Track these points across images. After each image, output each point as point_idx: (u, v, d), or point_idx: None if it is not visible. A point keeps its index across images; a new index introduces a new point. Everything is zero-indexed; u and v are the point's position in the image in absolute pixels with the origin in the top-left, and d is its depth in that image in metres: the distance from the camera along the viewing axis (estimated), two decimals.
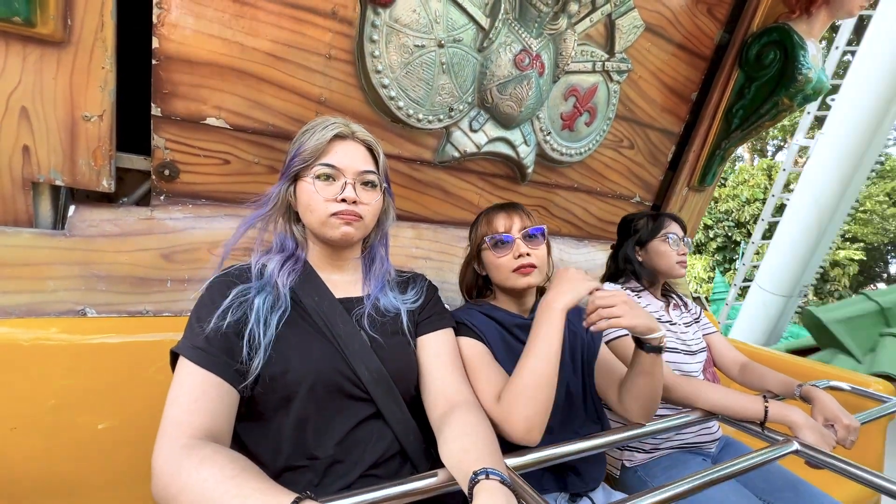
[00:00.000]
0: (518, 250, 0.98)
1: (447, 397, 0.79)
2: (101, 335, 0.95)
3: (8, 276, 0.91)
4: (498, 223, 1.01)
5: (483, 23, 1.26)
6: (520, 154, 1.50)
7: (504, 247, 0.99)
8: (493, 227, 1.01)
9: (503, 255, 0.99)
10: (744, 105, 1.75)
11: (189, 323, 0.72)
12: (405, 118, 1.27)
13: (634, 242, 1.40)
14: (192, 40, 1.00)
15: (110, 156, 0.98)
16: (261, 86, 1.10)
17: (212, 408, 0.64)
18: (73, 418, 0.91)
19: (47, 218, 0.98)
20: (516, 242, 0.99)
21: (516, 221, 1.00)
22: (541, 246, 1.01)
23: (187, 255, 1.09)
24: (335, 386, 0.74)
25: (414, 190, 1.42)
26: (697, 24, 1.68)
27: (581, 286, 0.86)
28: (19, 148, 0.90)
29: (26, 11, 0.80)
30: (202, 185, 1.12)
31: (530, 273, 0.98)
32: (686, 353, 1.29)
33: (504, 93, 1.35)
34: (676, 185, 1.94)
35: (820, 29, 1.64)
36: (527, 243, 0.99)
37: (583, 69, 1.50)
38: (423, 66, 1.23)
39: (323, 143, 0.79)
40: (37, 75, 0.87)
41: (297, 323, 0.77)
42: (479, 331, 0.95)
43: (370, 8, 1.12)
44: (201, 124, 1.07)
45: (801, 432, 0.96)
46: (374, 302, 0.84)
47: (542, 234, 1.01)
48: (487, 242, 1.01)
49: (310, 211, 0.80)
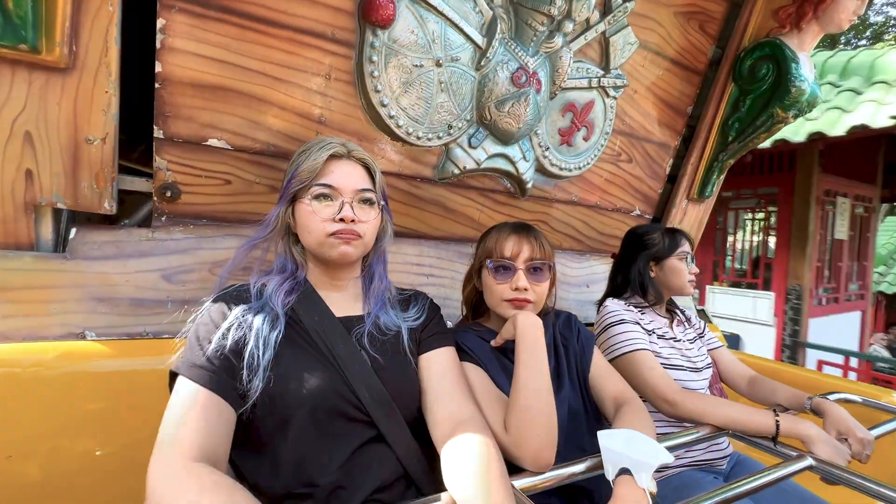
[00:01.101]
0: (517, 282, 0.93)
1: (451, 415, 0.77)
2: (101, 359, 0.94)
3: (8, 299, 0.91)
4: (506, 246, 0.96)
5: (480, 42, 1.28)
6: (519, 169, 1.51)
7: (505, 274, 0.95)
8: (500, 248, 0.97)
9: (502, 282, 0.95)
10: (739, 118, 1.77)
11: (188, 342, 0.71)
12: (405, 136, 1.28)
13: (649, 258, 1.37)
14: (194, 64, 1.01)
15: (112, 178, 0.99)
16: (262, 107, 1.11)
17: (209, 427, 0.63)
18: (70, 445, 0.89)
19: (48, 241, 0.98)
20: (518, 273, 0.94)
21: (525, 249, 0.95)
22: (544, 282, 0.97)
23: (188, 275, 1.08)
24: (335, 408, 0.73)
25: (415, 207, 1.43)
26: (690, 40, 1.71)
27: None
28: (22, 172, 0.91)
29: (33, 39, 0.82)
30: (203, 205, 1.12)
31: (524, 307, 0.94)
32: (691, 370, 1.27)
33: (502, 110, 1.36)
34: (676, 197, 1.95)
35: (811, 42, 1.67)
36: (529, 276, 0.94)
37: (579, 85, 1.52)
38: (421, 85, 1.25)
39: (319, 163, 0.79)
40: (41, 100, 0.88)
41: (296, 343, 0.76)
42: (475, 354, 0.94)
43: (369, 30, 1.14)
44: (203, 145, 1.08)
45: (815, 447, 0.93)
46: (374, 320, 0.84)
47: (548, 269, 0.97)
48: (489, 265, 0.98)
49: (308, 231, 0.80)
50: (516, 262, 0.95)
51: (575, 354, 1.04)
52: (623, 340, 1.20)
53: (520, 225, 1.01)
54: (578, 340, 1.06)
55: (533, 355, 0.83)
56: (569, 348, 1.04)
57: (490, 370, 0.93)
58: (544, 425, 0.77)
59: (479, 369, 0.91)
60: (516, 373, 0.83)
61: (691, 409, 1.06)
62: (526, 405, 0.78)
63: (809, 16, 1.60)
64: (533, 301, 0.95)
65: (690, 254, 1.35)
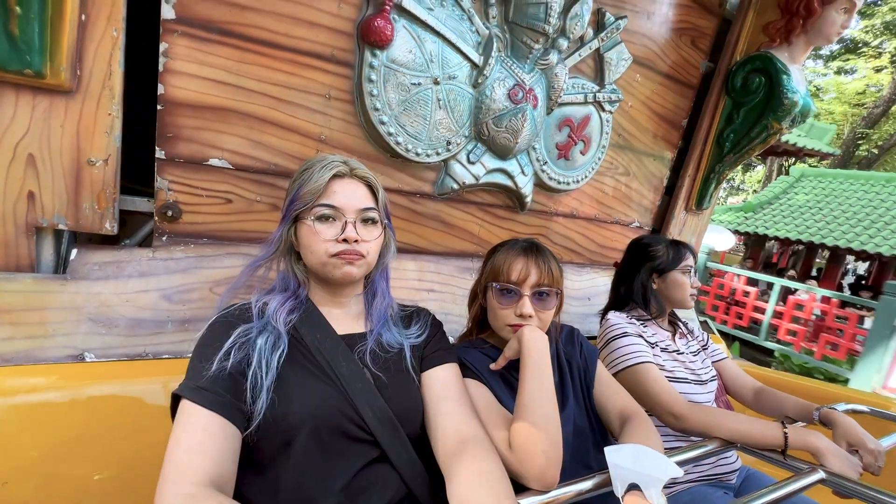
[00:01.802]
0: (522, 308, 0.90)
1: (455, 433, 0.76)
2: (99, 381, 0.93)
3: (8, 321, 0.90)
4: (514, 269, 0.93)
5: (476, 60, 1.31)
6: (518, 184, 1.52)
7: (510, 298, 0.93)
8: (508, 271, 0.93)
9: (506, 306, 0.93)
10: (734, 129, 1.80)
11: (190, 364, 0.70)
12: (404, 153, 1.29)
13: (652, 270, 1.35)
14: (195, 86, 1.03)
15: (114, 199, 0.99)
16: (263, 126, 1.13)
17: (216, 451, 0.61)
18: (68, 470, 0.87)
19: (49, 262, 0.98)
20: (523, 300, 0.91)
21: (532, 274, 0.92)
22: (550, 309, 0.94)
23: (188, 295, 1.08)
24: (338, 428, 0.71)
25: (415, 223, 1.43)
26: (682, 55, 1.74)
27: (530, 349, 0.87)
28: (24, 194, 0.91)
29: (38, 64, 0.83)
30: (204, 224, 1.13)
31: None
32: (696, 383, 1.26)
33: (500, 125, 1.38)
34: (674, 208, 1.96)
35: (801, 55, 1.70)
36: (535, 302, 0.92)
37: (575, 101, 1.55)
38: (420, 103, 1.26)
39: (322, 184, 0.78)
40: (45, 123, 0.89)
41: (298, 362, 0.75)
42: (479, 371, 0.93)
43: (368, 50, 1.16)
44: (204, 165, 1.09)
45: (826, 459, 0.92)
46: (377, 337, 0.83)
47: (556, 295, 0.95)
48: (494, 287, 0.95)
49: (311, 252, 0.80)
50: (522, 287, 0.92)
51: (579, 369, 1.03)
52: (626, 354, 1.19)
53: (530, 246, 0.97)
54: (582, 355, 1.05)
55: (538, 372, 0.82)
56: (572, 363, 1.03)
57: (494, 387, 0.92)
58: (549, 443, 0.75)
59: (482, 386, 0.90)
60: (521, 389, 0.82)
61: (697, 422, 1.04)
62: (531, 422, 0.77)
63: (798, 30, 1.64)
64: (538, 328, 0.93)
65: (694, 267, 1.35)
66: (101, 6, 0.89)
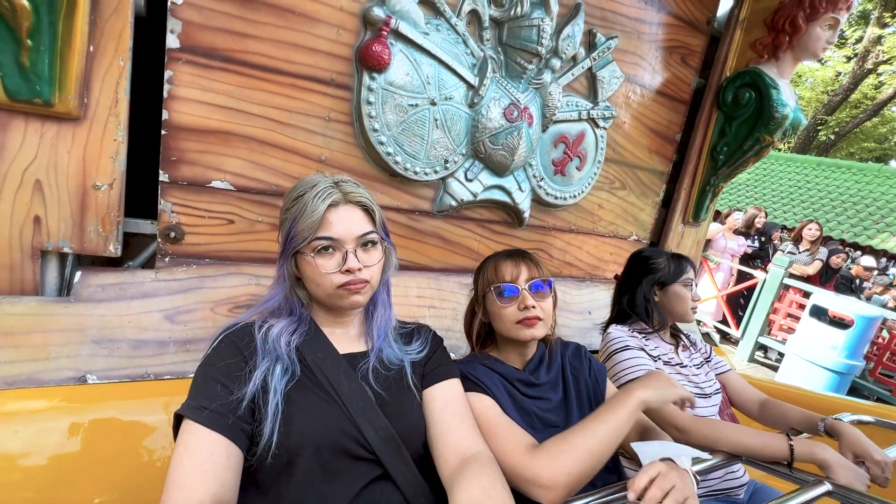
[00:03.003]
0: (523, 302, 0.95)
1: (458, 450, 0.75)
2: (101, 403, 0.93)
3: (12, 344, 0.91)
4: (504, 272, 0.98)
5: (472, 81, 1.34)
6: (515, 200, 1.54)
7: (509, 297, 0.97)
8: (500, 275, 0.98)
9: (508, 305, 0.96)
10: (727, 143, 1.83)
11: (193, 383, 0.70)
12: (402, 172, 1.32)
13: (654, 283, 1.35)
14: (199, 111, 1.06)
15: (118, 222, 1.01)
16: (264, 148, 1.15)
17: (218, 471, 0.61)
18: (67, 494, 0.86)
19: (53, 285, 0.99)
20: (522, 293, 0.96)
21: (523, 271, 0.98)
22: (547, 298, 0.99)
23: (190, 315, 1.09)
24: (340, 448, 0.71)
25: (414, 240, 1.45)
26: (673, 72, 1.79)
27: (669, 392, 0.87)
28: (31, 218, 0.93)
29: (48, 94, 0.86)
30: (206, 245, 1.14)
31: (535, 325, 0.95)
32: (700, 396, 1.25)
33: (496, 143, 1.41)
34: (672, 221, 1.98)
35: (789, 70, 1.75)
36: (533, 295, 0.96)
37: (570, 118, 1.58)
38: (417, 123, 1.29)
39: (318, 217, 0.76)
40: (52, 149, 0.92)
41: (301, 383, 0.75)
42: (484, 384, 0.93)
43: (366, 74, 1.20)
44: (206, 187, 1.11)
45: (832, 471, 0.91)
46: (378, 354, 0.83)
47: (549, 287, 0.99)
48: (492, 291, 0.98)
49: (316, 285, 0.79)
50: (518, 283, 0.97)
51: (587, 386, 1.03)
52: (629, 367, 1.19)
53: (513, 251, 1.03)
54: (591, 373, 1.05)
55: (619, 417, 0.82)
56: (579, 379, 1.04)
57: (501, 402, 0.91)
58: (578, 469, 0.75)
59: (486, 397, 0.90)
60: (590, 419, 0.83)
61: (702, 435, 1.04)
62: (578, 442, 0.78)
63: (784, 46, 1.68)
64: (542, 318, 0.96)
65: (694, 280, 1.35)
66: (108, 37, 0.92)
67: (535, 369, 1.01)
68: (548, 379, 1.01)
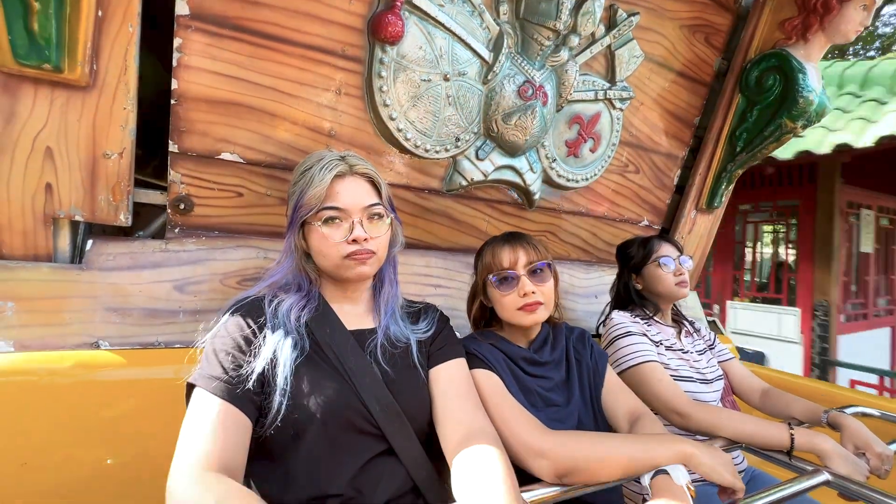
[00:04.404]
0: (523, 288, 0.95)
1: (462, 428, 0.77)
2: (113, 368, 0.96)
3: (27, 309, 0.93)
4: (502, 258, 0.98)
5: (487, 57, 1.31)
6: (526, 181, 1.52)
7: (509, 283, 0.97)
8: (498, 261, 0.98)
9: (508, 292, 0.97)
10: (747, 128, 1.77)
11: (205, 354, 0.72)
12: (413, 149, 1.30)
13: (630, 270, 1.40)
14: (208, 81, 1.04)
15: (128, 191, 1.01)
16: (273, 121, 1.14)
17: (227, 439, 0.63)
18: (82, 454, 0.90)
19: (65, 252, 1.00)
20: (521, 279, 0.96)
21: (521, 256, 0.97)
22: (547, 281, 0.98)
23: (199, 286, 1.10)
24: (347, 421, 0.73)
25: (423, 218, 1.44)
26: (696, 52, 1.72)
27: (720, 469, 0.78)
28: (42, 186, 0.93)
29: (56, 59, 0.85)
30: (216, 217, 1.14)
31: (535, 310, 0.96)
32: (701, 382, 1.25)
33: (509, 122, 1.38)
34: (684, 207, 1.94)
35: (818, 53, 1.67)
36: (532, 279, 0.96)
37: (585, 98, 1.54)
38: (429, 99, 1.27)
39: (324, 186, 0.78)
40: (62, 117, 0.91)
41: (309, 357, 0.76)
42: (489, 362, 0.94)
43: (378, 46, 1.17)
44: (216, 159, 1.10)
45: (832, 461, 0.91)
46: (385, 332, 0.84)
47: (548, 268, 0.99)
48: (492, 280, 0.99)
49: (322, 256, 0.81)
50: (516, 269, 0.97)
51: (588, 370, 1.04)
52: (631, 353, 1.19)
53: (510, 234, 1.03)
54: (592, 357, 1.06)
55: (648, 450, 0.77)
56: (581, 363, 1.04)
57: (505, 380, 0.93)
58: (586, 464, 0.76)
59: (492, 375, 0.91)
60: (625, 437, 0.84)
61: (702, 421, 1.04)
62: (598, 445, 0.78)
63: (815, 27, 1.60)
64: (543, 302, 0.96)
65: (672, 256, 1.33)
66: (117, 2, 0.90)
67: (539, 348, 1.02)
68: (551, 358, 1.02)
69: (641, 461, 0.75)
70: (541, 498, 0.74)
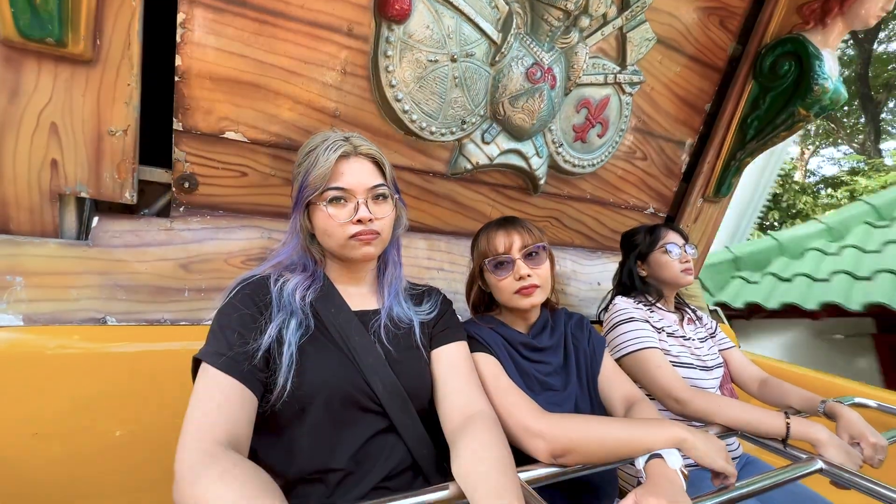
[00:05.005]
0: (519, 272, 0.96)
1: (462, 409, 0.78)
2: (120, 343, 0.98)
3: (34, 284, 0.94)
4: (497, 243, 0.99)
5: (495, 38, 1.28)
6: (532, 166, 1.50)
7: (504, 268, 0.97)
8: (493, 246, 0.99)
9: (504, 277, 0.98)
10: (759, 116, 1.74)
11: (211, 331, 0.73)
12: (418, 131, 1.29)
13: (636, 257, 1.41)
14: (213, 58, 1.03)
15: (133, 169, 1.01)
16: (278, 100, 1.13)
17: (233, 413, 0.64)
18: (92, 424, 0.92)
19: (72, 229, 1.01)
20: (517, 263, 0.96)
21: (516, 240, 0.98)
22: (543, 264, 0.99)
23: (204, 265, 1.11)
24: (350, 399, 0.74)
25: (426, 201, 1.44)
26: (710, 37, 1.68)
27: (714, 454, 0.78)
28: (48, 162, 0.93)
29: (59, 33, 0.84)
30: (220, 196, 1.15)
31: (532, 293, 0.96)
32: (701, 369, 1.26)
33: (516, 105, 1.36)
34: (691, 196, 1.92)
35: (836, 39, 1.62)
36: (528, 263, 0.97)
37: (595, 82, 1.51)
38: (436, 81, 1.25)
39: (329, 166, 0.78)
40: (67, 92, 0.91)
41: (314, 336, 0.77)
42: (489, 345, 0.95)
43: (385, 24, 1.14)
44: (220, 138, 1.10)
45: (826, 450, 0.92)
46: (388, 312, 0.85)
47: (543, 251, 0.99)
48: (488, 265, 1.00)
49: (328, 236, 0.81)
50: (511, 253, 0.97)
51: (585, 356, 1.05)
52: (632, 339, 1.20)
53: (503, 219, 1.04)
54: (590, 343, 1.07)
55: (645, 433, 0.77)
56: (579, 349, 1.05)
57: (504, 364, 0.94)
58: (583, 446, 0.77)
59: (492, 359, 0.93)
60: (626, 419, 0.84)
61: (700, 407, 1.05)
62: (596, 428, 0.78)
63: (835, 11, 1.55)
64: (539, 285, 0.97)
65: (676, 244, 1.35)
66: None
67: (538, 333, 1.03)
68: (550, 343, 1.03)
69: (636, 444, 0.76)
70: (537, 477, 0.75)
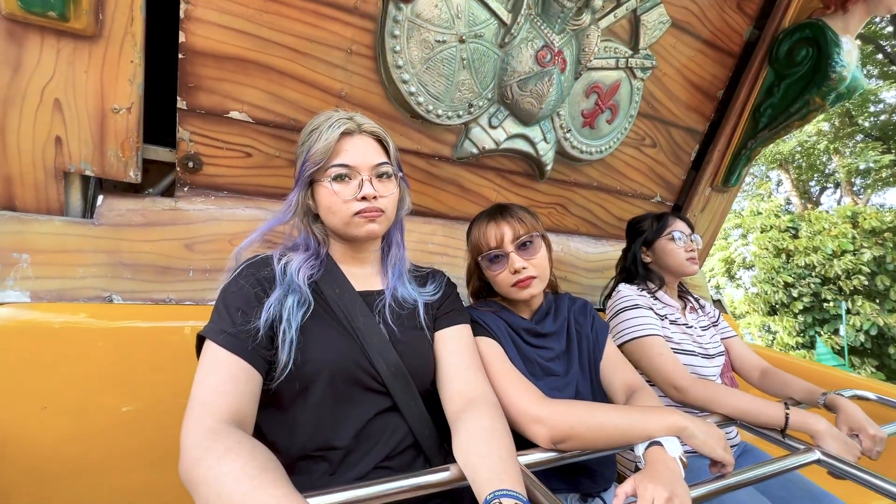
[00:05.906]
0: (513, 265, 0.94)
1: (464, 392, 0.79)
2: (126, 321, 0.99)
3: (41, 262, 0.95)
4: (489, 236, 0.97)
5: (505, 18, 1.25)
6: (539, 151, 1.48)
7: (499, 262, 0.96)
8: (485, 240, 0.97)
9: (499, 270, 0.97)
10: (772, 103, 1.70)
11: (216, 309, 0.73)
12: (424, 114, 1.27)
13: (641, 243, 1.41)
14: (217, 35, 1.01)
15: (137, 148, 1.01)
16: (283, 80, 1.11)
17: (238, 390, 0.65)
18: (99, 401, 0.94)
19: (77, 207, 1.01)
20: (510, 256, 0.95)
21: (507, 231, 0.95)
22: (538, 253, 0.97)
23: (209, 245, 1.11)
24: (353, 378, 0.75)
25: (431, 186, 1.42)
26: (726, 20, 1.63)
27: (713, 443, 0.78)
28: (52, 139, 0.93)
29: (61, 7, 0.83)
30: (224, 177, 1.14)
31: (529, 285, 0.95)
32: (703, 357, 1.26)
33: (525, 89, 1.33)
34: (699, 184, 1.90)
35: (856, 25, 1.57)
36: (521, 254, 0.95)
37: (605, 66, 1.48)
38: (443, 62, 1.22)
39: (332, 143, 0.78)
40: (69, 68, 0.90)
41: (318, 315, 0.78)
42: (492, 330, 0.95)
43: (392, 3, 1.12)
44: (224, 118, 1.09)
45: (824, 441, 0.93)
46: (392, 292, 0.85)
47: (538, 238, 0.98)
48: (482, 260, 0.99)
49: (331, 213, 0.81)
50: (504, 246, 0.95)
51: (588, 341, 1.05)
52: (635, 325, 1.20)
53: (494, 209, 1.01)
54: (593, 329, 1.07)
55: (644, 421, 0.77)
56: (581, 334, 1.05)
57: (506, 349, 0.94)
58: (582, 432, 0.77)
59: (495, 343, 0.93)
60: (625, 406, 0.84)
61: (699, 395, 1.06)
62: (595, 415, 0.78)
63: None
64: (536, 275, 0.96)
65: (683, 233, 1.35)
66: None
67: (541, 319, 1.03)
68: (553, 329, 1.03)
69: (636, 431, 0.77)
70: (536, 462, 0.76)
